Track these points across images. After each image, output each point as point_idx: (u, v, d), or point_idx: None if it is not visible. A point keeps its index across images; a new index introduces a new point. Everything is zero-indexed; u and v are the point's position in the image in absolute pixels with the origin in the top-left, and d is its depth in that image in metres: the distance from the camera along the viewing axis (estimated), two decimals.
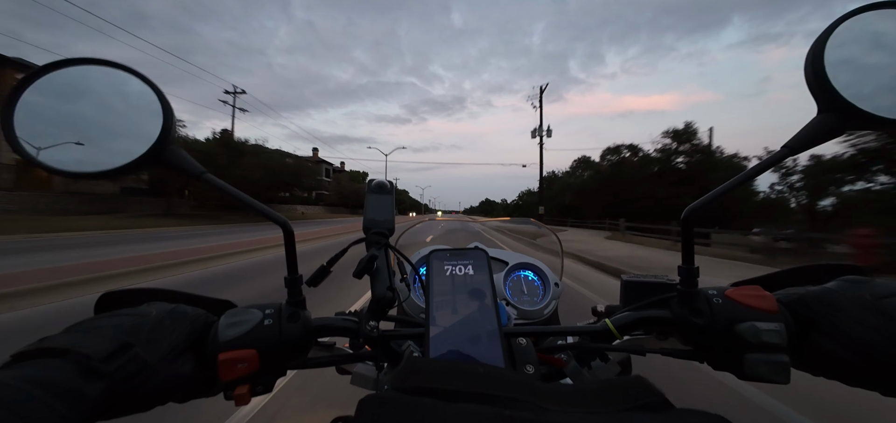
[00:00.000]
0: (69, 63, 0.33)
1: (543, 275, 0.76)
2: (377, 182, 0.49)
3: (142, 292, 0.36)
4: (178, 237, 10.61)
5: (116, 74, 0.34)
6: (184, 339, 0.32)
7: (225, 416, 1.71)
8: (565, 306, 0.74)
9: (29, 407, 0.21)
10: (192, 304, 0.37)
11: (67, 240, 8.96)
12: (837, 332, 0.31)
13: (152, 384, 0.28)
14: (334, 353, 0.46)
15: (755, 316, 0.33)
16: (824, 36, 0.33)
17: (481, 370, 0.25)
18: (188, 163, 0.35)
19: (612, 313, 0.44)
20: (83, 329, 0.28)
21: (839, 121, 0.33)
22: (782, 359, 0.32)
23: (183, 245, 8.36)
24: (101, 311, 0.34)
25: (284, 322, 0.36)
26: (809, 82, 0.34)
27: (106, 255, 6.45)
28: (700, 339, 0.36)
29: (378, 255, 0.41)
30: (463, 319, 0.35)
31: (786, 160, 0.35)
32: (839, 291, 0.34)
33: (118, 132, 0.34)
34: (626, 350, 0.44)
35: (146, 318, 0.31)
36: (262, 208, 0.39)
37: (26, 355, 0.25)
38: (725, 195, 0.35)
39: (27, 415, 0.20)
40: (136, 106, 0.34)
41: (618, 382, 0.25)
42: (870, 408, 1.92)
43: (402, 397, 0.22)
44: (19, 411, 0.20)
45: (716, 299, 0.35)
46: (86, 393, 0.24)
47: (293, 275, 0.39)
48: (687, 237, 0.36)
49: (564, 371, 0.45)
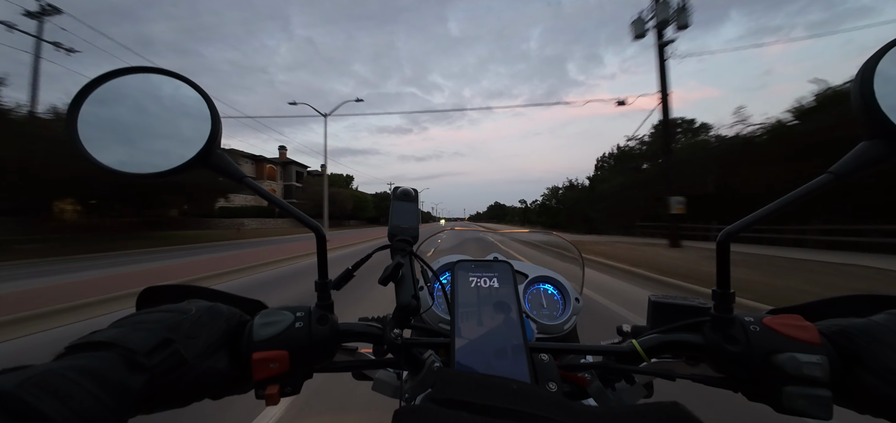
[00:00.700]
0: (126, 72, 0.35)
1: (564, 289, 0.75)
2: (402, 190, 0.49)
3: (181, 289, 0.37)
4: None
5: (169, 81, 0.36)
6: (220, 337, 0.33)
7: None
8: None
9: (78, 396, 0.22)
10: (227, 303, 0.38)
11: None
12: (883, 368, 0.30)
13: (190, 379, 0.29)
14: (358, 358, 0.46)
15: (795, 347, 0.32)
16: (874, 59, 0.32)
17: (514, 386, 0.25)
18: (232, 167, 0.37)
19: (638, 333, 0.43)
20: (129, 324, 0.29)
21: (888, 148, 0.31)
22: (824, 394, 0.31)
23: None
24: (143, 305, 0.36)
25: (314, 325, 0.37)
26: (856, 106, 0.33)
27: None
28: (734, 368, 0.35)
29: (403, 262, 0.42)
30: (488, 331, 0.35)
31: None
32: (886, 324, 0.32)
33: (170, 136, 0.36)
34: (655, 374, 0.43)
35: (186, 315, 0.32)
36: (298, 215, 0.40)
37: (78, 347, 0.26)
38: (766, 219, 0.34)
39: (76, 405, 0.21)
40: (186, 112, 0.36)
41: (654, 407, 0.24)
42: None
43: (437, 409, 0.22)
44: (70, 401, 0.21)
45: (753, 327, 0.34)
46: (129, 385, 0.25)
47: (323, 279, 0.40)
48: (722, 261, 0.35)
49: (588, 391, 0.45)
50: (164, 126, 0.36)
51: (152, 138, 0.35)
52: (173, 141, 0.35)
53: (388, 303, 1.00)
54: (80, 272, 7.49)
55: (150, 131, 0.36)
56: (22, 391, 0.20)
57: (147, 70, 0.36)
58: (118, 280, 6.12)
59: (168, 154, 0.35)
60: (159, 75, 0.36)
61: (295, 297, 5.13)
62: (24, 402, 0.20)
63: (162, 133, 0.36)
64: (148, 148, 0.35)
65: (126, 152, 0.34)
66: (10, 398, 0.19)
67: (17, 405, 0.19)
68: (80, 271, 7.84)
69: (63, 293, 4.93)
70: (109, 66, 0.36)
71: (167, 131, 0.36)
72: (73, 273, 7.42)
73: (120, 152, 0.34)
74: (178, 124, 0.36)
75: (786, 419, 0.36)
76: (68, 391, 0.22)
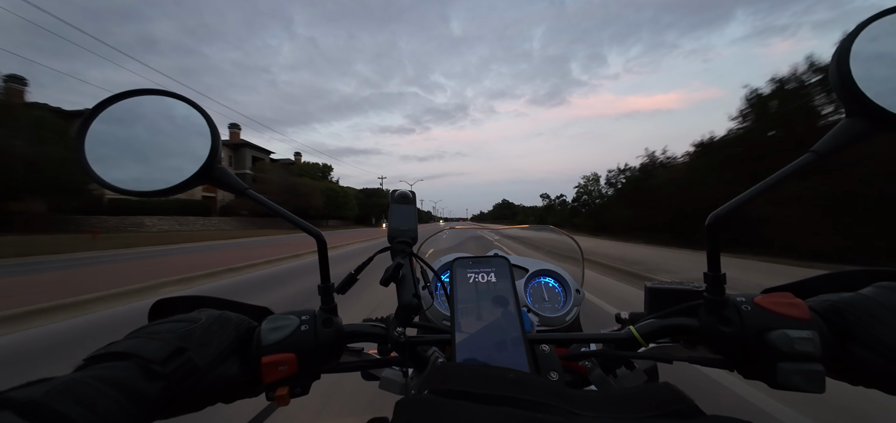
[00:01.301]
0: (127, 95, 0.37)
1: (565, 282, 0.76)
2: (400, 193, 0.50)
3: (191, 300, 0.39)
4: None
5: (167, 101, 0.38)
6: (230, 343, 0.35)
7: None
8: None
9: (102, 404, 0.23)
10: (235, 310, 0.40)
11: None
12: (874, 340, 0.31)
13: (203, 384, 0.31)
14: (363, 358, 0.48)
15: (787, 324, 0.33)
16: (850, 38, 0.32)
17: (512, 375, 0.26)
18: (234, 180, 0.38)
19: (636, 320, 0.44)
20: (143, 335, 0.31)
21: (868, 125, 0.32)
22: (816, 368, 0.31)
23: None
24: (154, 316, 0.38)
25: (319, 328, 0.38)
26: (835, 86, 0.33)
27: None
28: (729, 348, 0.35)
29: (404, 263, 0.43)
30: (487, 325, 0.36)
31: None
32: (875, 297, 0.33)
33: (173, 154, 0.37)
34: (653, 358, 0.44)
35: (197, 324, 0.33)
36: (298, 221, 0.41)
37: (97, 358, 0.28)
38: (751, 202, 0.35)
39: (102, 411, 0.23)
40: (186, 130, 0.38)
41: (647, 388, 0.25)
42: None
43: (437, 399, 0.23)
44: (95, 407, 0.23)
45: (745, 307, 0.35)
46: (147, 393, 0.26)
47: (326, 283, 0.41)
48: (712, 244, 0.36)
49: (589, 379, 0.46)
50: (166, 145, 0.38)
51: (156, 157, 0.37)
52: (176, 158, 0.37)
53: (392, 304, 0.97)
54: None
55: (154, 150, 0.37)
56: (50, 399, 0.21)
57: (146, 92, 0.37)
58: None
59: (171, 171, 0.36)
60: (159, 97, 0.38)
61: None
62: (53, 410, 0.21)
63: (165, 151, 0.37)
64: (152, 166, 0.36)
65: (131, 172, 0.36)
66: (40, 407, 0.21)
67: (48, 413, 0.21)
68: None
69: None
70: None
71: (170, 150, 0.37)
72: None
73: (125, 172, 0.35)
74: (179, 142, 0.38)
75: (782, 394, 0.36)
76: (93, 399, 0.23)
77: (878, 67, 0.32)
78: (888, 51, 0.32)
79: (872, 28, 0.32)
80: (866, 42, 0.32)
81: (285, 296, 5.15)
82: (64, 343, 3.18)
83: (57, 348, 3.07)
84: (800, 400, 1.96)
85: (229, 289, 5.65)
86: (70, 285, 5.30)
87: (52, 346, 3.11)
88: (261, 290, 5.53)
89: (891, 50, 0.32)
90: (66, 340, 3.27)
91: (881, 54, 0.32)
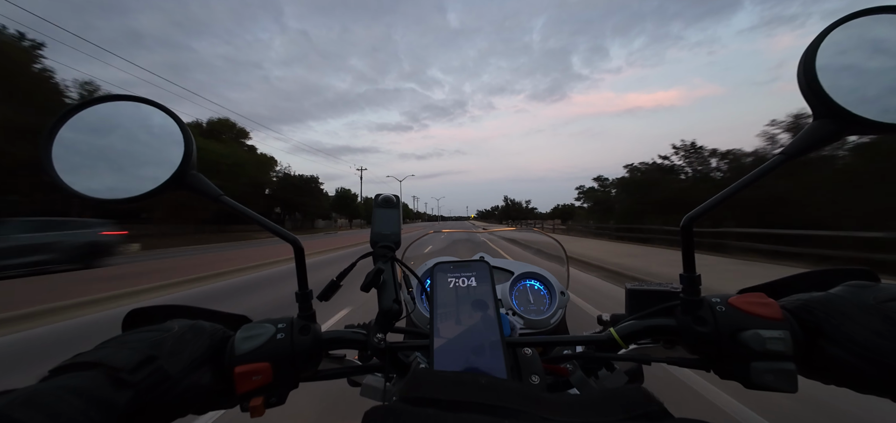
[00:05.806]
0: (99, 100, 0.36)
1: (550, 284, 0.76)
2: (383, 197, 0.50)
3: (165, 309, 0.38)
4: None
5: (141, 107, 0.37)
6: (203, 352, 0.34)
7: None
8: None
9: (66, 413, 0.23)
10: (210, 319, 0.39)
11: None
12: (844, 338, 0.31)
13: (174, 394, 0.30)
14: (344, 365, 0.47)
15: (759, 324, 0.33)
16: (816, 43, 0.33)
17: (484, 380, 0.26)
18: (208, 187, 0.38)
19: (617, 322, 0.45)
20: (112, 345, 0.30)
21: (836, 126, 0.33)
22: (788, 367, 0.32)
23: None
24: (128, 326, 0.37)
25: (296, 336, 0.37)
26: (802, 89, 0.34)
27: None
28: (705, 348, 0.36)
29: (384, 268, 0.42)
30: (466, 330, 0.36)
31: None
32: (844, 296, 0.33)
33: (145, 161, 0.36)
34: (631, 359, 0.44)
35: (169, 333, 0.33)
36: (273, 227, 0.41)
37: (62, 369, 0.27)
38: (724, 202, 0.36)
39: (65, 421, 0.22)
40: (159, 136, 0.37)
41: (618, 392, 0.26)
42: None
43: (405, 407, 0.23)
44: (58, 416, 0.22)
45: (719, 307, 0.35)
46: (115, 401, 0.26)
47: (304, 290, 0.40)
48: (687, 245, 0.37)
49: (570, 381, 0.46)
50: (138, 151, 0.37)
51: (127, 164, 0.36)
52: (147, 166, 0.36)
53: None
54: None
55: (126, 157, 0.36)
56: (11, 409, 0.21)
57: (119, 98, 0.37)
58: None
59: (143, 178, 0.36)
60: (132, 102, 0.37)
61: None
62: (15, 420, 0.20)
63: (137, 158, 0.37)
64: (123, 174, 0.36)
65: (101, 179, 0.35)
66: (1, 417, 0.20)
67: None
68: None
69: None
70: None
71: (142, 156, 0.37)
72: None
73: (95, 179, 0.35)
74: (152, 149, 0.37)
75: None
76: (57, 408, 0.22)
77: (842, 72, 0.33)
78: (852, 55, 0.33)
79: (836, 33, 0.33)
80: (831, 47, 0.33)
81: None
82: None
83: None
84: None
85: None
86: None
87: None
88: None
89: (854, 54, 0.33)
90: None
91: (846, 59, 0.33)
